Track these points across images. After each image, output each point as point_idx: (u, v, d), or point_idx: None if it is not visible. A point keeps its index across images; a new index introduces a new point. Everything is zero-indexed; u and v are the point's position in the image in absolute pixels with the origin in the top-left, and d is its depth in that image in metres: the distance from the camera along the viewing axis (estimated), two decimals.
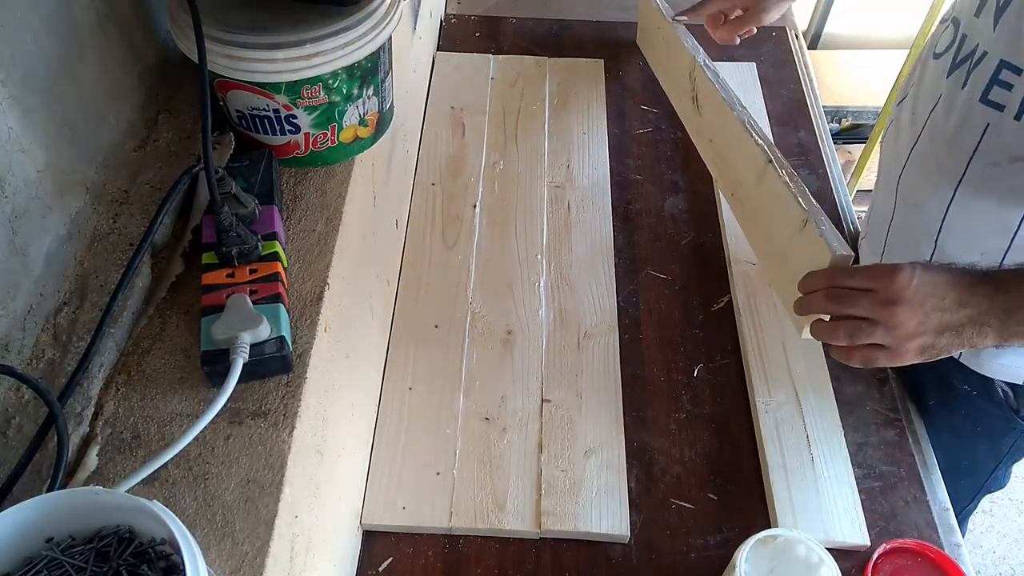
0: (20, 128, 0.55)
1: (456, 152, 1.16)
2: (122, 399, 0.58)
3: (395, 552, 0.80)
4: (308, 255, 0.68)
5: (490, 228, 1.06)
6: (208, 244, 0.64)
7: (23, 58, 0.55)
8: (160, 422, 0.57)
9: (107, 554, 0.46)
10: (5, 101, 0.53)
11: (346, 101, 0.70)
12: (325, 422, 0.65)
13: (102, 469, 0.54)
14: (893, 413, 0.91)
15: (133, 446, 0.56)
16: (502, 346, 0.94)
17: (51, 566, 0.45)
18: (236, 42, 0.63)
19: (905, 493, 0.84)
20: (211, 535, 0.52)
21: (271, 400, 0.59)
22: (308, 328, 0.64)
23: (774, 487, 0.82)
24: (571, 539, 0.81)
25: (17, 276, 0.55)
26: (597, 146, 1.18)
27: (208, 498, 0.54)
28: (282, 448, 0.57)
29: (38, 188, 0.57)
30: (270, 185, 0.69)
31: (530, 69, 1.29)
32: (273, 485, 0.55)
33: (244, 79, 0.65)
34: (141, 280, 0.62)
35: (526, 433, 0.87)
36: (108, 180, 0.66)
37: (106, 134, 0.66)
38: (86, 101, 0.63)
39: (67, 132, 0.61)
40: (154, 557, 0.47)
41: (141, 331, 0.62)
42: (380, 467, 0.84)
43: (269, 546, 0.52)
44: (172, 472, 0.55)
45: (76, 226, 0.62)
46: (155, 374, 0.60)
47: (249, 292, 0.61)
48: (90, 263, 0.62)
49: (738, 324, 0.97)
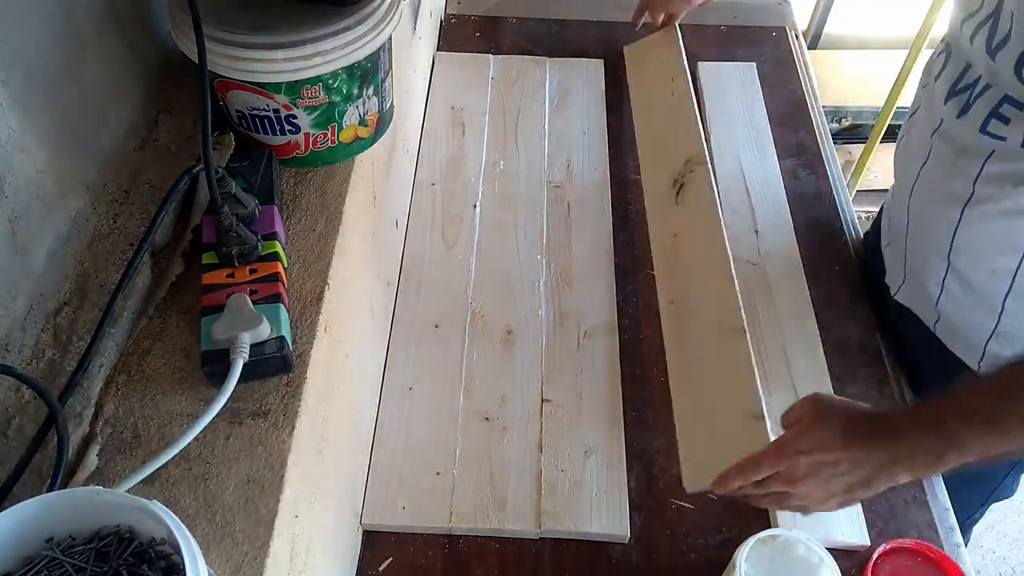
0: (20, 128, 0.55)
1: (456, 152, 1.16)
2: (122, 399, 0.58)
3: (395, 552, 0.80)
4: (308, 255, 0.68)
5: (490, 228, 1.06)
6: (208, 244, 0.64)
7: (24, 58, 0.55)
8: (160, 422, 0.57)
9: (107, 554, 0.46)
10: (5, 101, 0.53)
11: (346, 101, 0.70)
12: (325, 422, 0.65)
13: (102, 469, 0.54)
14: None
15: (133, 446, 0.56)
16: (502, 346, 0.94)
17: (51, 566, 0.45)
18: (236, 42, 0.63)
19: (905, 493, 0.84)
20: (211, 535, 0.52)
21: (271, 400, 0.59)
22: (308, 328, 0.64)
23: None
24: (571, 539, 0.81)
25: (17, 276, 0.55)
26: (597, 146, 1.18)
27: (208, 498, 0.54)
28: (282, 448, 0.57)
29: (38, 188, 0.57)
30: (270, 185, 0.69)
31: (530, 69, 1.29)
32: (273, 485, 0.55)
33: (244, 79, 0.65)
34: (141, 280, 0.62)
35: (526, 433, 0.87)
36: (108, 180, 0.66)
37: (106, 134, 0.66)
38: (86, 101, 0.63)
39: (67, 132, 0.61)
40: (154, 557, 0.46)
41: (141, 331, 0.62)
42: (380, 467, 0.84)
43: (269, 546, 0.52)
44: (172, 472, 0.55)
45: (76, 226, 0.62)
46: (155, 374, 0.60)
47: (249, 292, 0.61)
48: (90, 263, 0.62)
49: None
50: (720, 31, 1.40)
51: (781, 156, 1.18)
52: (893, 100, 1.83)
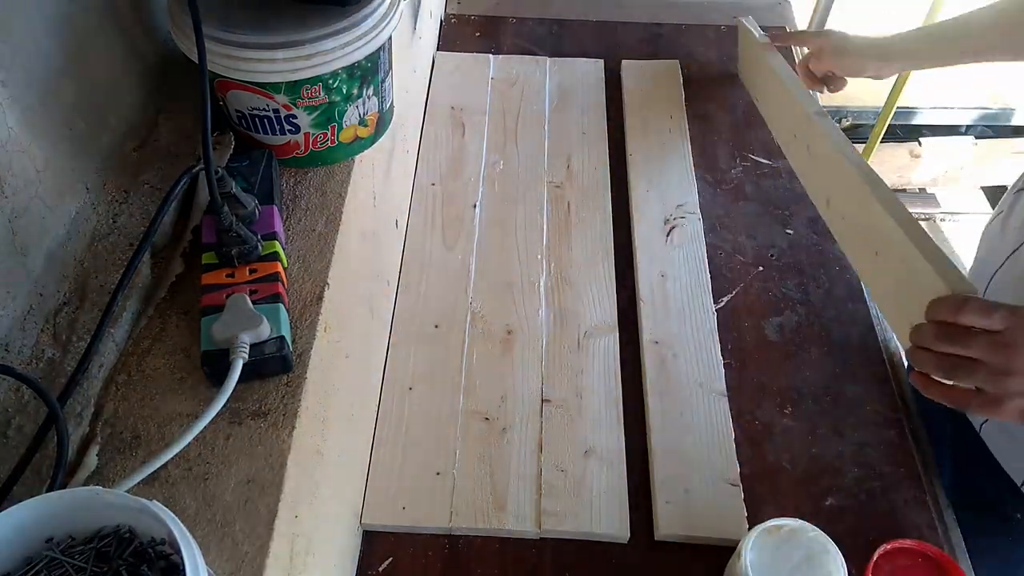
0: (20, 128, 0.55)
1: (456, 152, 1.16)
2: (122, 399, 0.58)
3: (395, 552, 0.80)
4: (308, 255, 0.68)
5: (490, 228, 1.06)
6: (208, 244, 0.64)
7: (24, 58, 0.55)
8: (160, 422, 0.57)
9: (107, 554, 0.46)
10: (5, 101, 0.53)
11: (346, 101, 0.70)
12: (325, 422, 0.65)
13: (102, 469, 0.54)
14: (893, 413, 0.91)
15: (133, 446, 0.56)
16: (502, 346, 0.94)
17: (51, 566, 0.45)
18: (236, 42, 0.63)
19: (905, 493, 0.84)
20: (211, 535, 0.52)
21: (271, 400, 0.59)
22: (308, 328, 0.64)
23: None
24: (571, 539, 0.81)
25: (17, 276, 0.55)
26: (597, 146, 1.18)
27: (208, 498, 0.54)
28: (282, 448, 0.57)
29: (38, 188, 0.57)
30: (270, 185, 0.69)
31: (530, 69, 1.29)
32: (273, 485, 0.55)
33: (244, 79, 0.65)
34: (141, 280, 0.62)
35: (526, 433, 0.87)
36: (108, 180, 0.66)
37: (106, 134, 0.66)
38: (86, 101, 0.63)
39: (67, 132, 0.61)
40: (154, 557, 0.46)
41: (141, 331, 0.62)
42: (380, 467, 0.84)
43: (269, 546, 0.52)
44: (172, 472, 0.55)
45: (76, 226, 0.62)
46: (155, 374, 0.60)
47: (249, 292, 0.61)
48: (90, 263, 0.62)
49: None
50: (720, 31, 1.40)
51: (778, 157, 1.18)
52: (893, 100, 1.83)
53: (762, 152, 1.19)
